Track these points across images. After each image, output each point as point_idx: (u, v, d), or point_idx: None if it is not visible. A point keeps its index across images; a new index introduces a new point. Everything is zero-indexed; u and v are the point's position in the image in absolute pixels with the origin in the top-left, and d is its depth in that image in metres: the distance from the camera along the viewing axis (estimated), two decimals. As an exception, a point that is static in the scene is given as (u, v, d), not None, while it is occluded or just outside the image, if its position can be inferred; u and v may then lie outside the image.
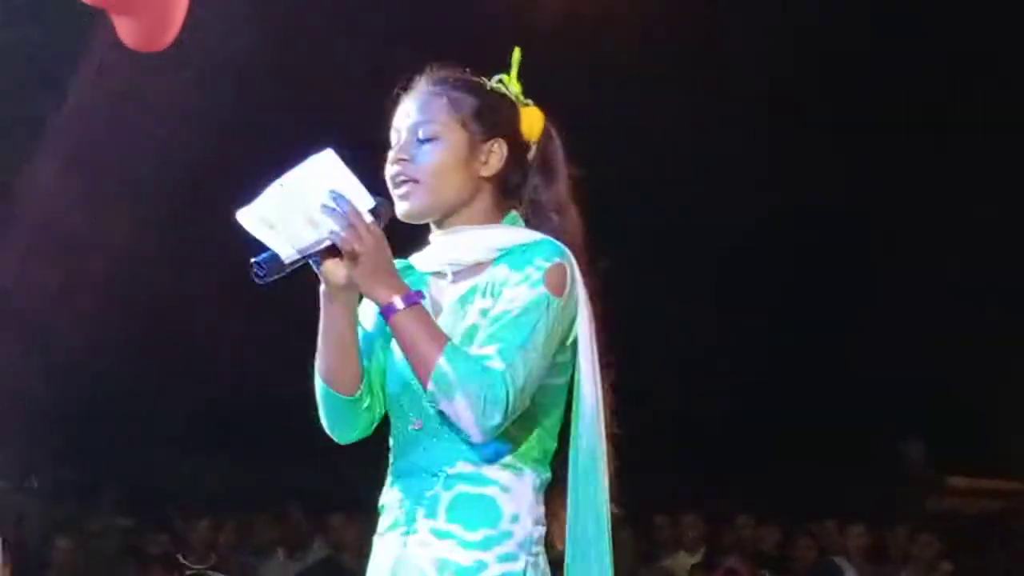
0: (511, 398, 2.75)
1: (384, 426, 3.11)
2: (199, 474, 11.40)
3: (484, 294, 2.93)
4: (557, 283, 2.88)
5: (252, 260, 2.81)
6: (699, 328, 13.08)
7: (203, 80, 9.07)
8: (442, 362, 2.73)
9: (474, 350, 2.81)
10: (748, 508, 10.56)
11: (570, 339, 2.91)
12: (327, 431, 3.07)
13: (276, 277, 2.84)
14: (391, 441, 3.04)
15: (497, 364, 2.77)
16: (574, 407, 2.93)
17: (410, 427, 2.97)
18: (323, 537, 9.85)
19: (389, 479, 3.02)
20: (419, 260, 3.07)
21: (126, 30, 4.57)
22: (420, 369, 2.78)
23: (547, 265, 2.88)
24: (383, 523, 2.99)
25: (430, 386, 2.76)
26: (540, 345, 2.83)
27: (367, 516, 3.33)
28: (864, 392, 13.70)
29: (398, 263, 3.03)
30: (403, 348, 2.84)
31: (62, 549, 8.87)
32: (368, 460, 3.44)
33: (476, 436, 2.79)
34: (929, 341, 13.62)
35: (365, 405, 3.02)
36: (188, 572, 8.93)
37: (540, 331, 2.83)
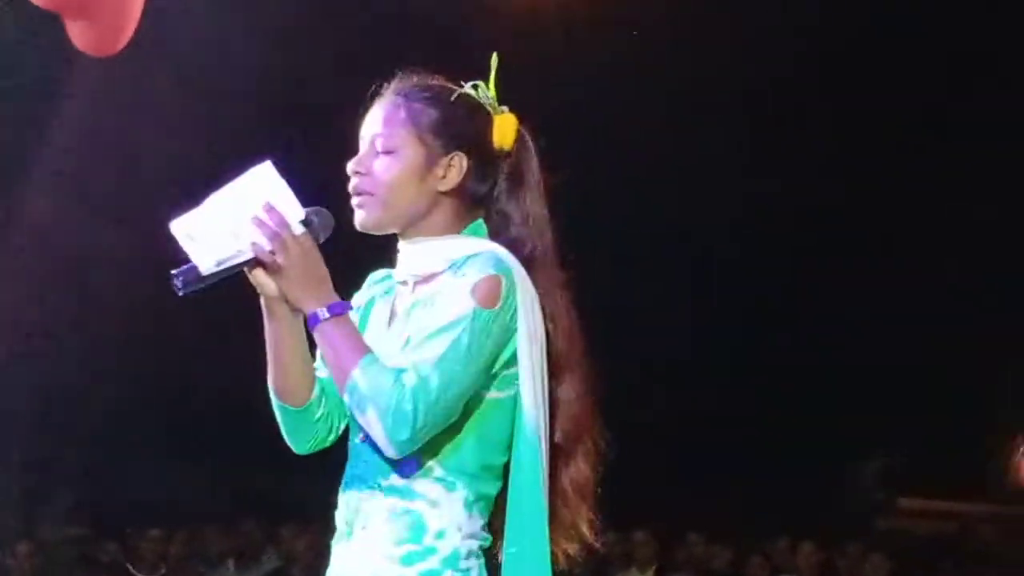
0: (420, 413, 2.74)
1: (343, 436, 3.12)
2: (151, 482, 11.36)
3: (425, 305, 2.94)
4: (487, 296, 2.86)
5: (171, 271, 2.82)
6: (661, 343, 13.13)
7: (201, 92, 9.15)
8: (356, 374, 2.75)
9: (392, 363, 2.81)
10: (700, 526, 10.62)
11: (508, 353, 2.90)
12: (286, 441, 3.10)
13: (194, 288, 2.86)
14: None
15: (409, 378, 2.76)
16: (516, 423, 2.92)
17: (357, 439, 2.98)
18: (274, 548, 9.83)
19: (340, 488, 3.02)
20: (395, 270, 3.08)
21: (78, 34, 4.59)
22: (338, 380, 2.81)
23: (479, 278, 2.85)
24: (336, 532, 3.01)
25: (345, 397, 2.80)
26: (461, 358, 2.81)
27: (319, 527, 3.33)
28: (818, 410, 13.76)
29: (382, 272, 3.12)
30: (326, 359, 2.88)
31: (21, 555, 8.91)
32: (321, 469, 3.43)
33: (388, 451, 2.80)
34: (886, 362, 13.74)
35: (317, 416, 3.04)
36: (138, 582, 8.97)
37: (461, 344, 2.81)
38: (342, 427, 3.09)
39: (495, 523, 2.97)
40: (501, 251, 2.92)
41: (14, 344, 10.32)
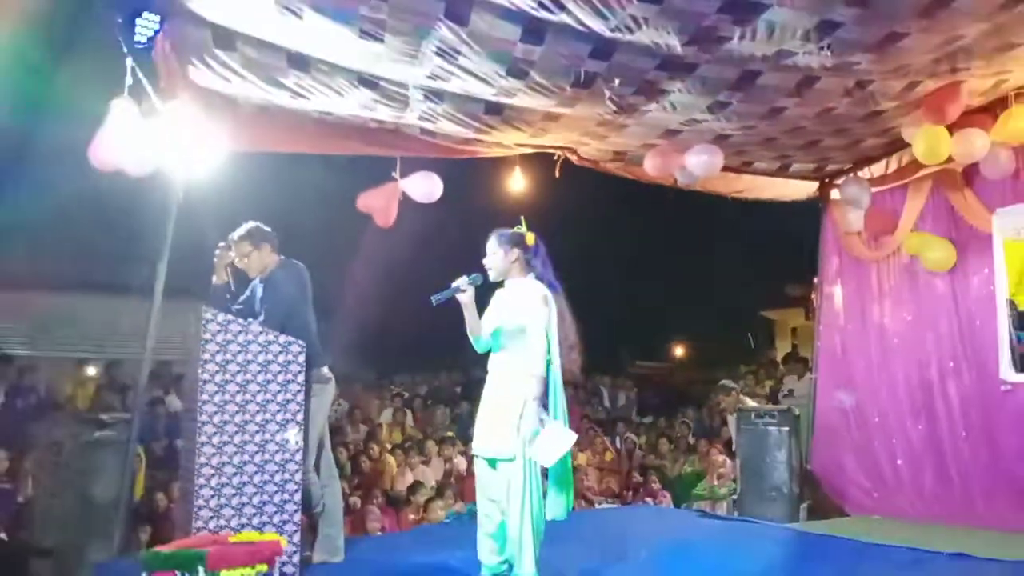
0: (543, 362, 4.52)
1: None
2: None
3: (516, 302, 4.57)
4: (547, 302, 4.66)
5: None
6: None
7: (426, 231, 9.48)
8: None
9: (511, 324, 4.44)
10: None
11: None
12: (476, 351, 4.70)
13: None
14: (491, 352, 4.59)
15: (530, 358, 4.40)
16: (549, 354, 4.62)
17: (498, 354, 4.64)
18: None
19: (491, 364, 4.78)
20: (503, 290, 4.72)
21: (377, 219, 6.28)
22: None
23: (544, 295, 4.63)
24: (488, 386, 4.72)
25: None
26: (545, 337, 4.54)
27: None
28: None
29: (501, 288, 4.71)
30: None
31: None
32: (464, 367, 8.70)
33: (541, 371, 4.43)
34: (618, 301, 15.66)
35: (486, 341, 4.75)
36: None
37: (543, 330, 4.56)
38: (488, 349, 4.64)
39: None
40: (545, 288, 4.70)
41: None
